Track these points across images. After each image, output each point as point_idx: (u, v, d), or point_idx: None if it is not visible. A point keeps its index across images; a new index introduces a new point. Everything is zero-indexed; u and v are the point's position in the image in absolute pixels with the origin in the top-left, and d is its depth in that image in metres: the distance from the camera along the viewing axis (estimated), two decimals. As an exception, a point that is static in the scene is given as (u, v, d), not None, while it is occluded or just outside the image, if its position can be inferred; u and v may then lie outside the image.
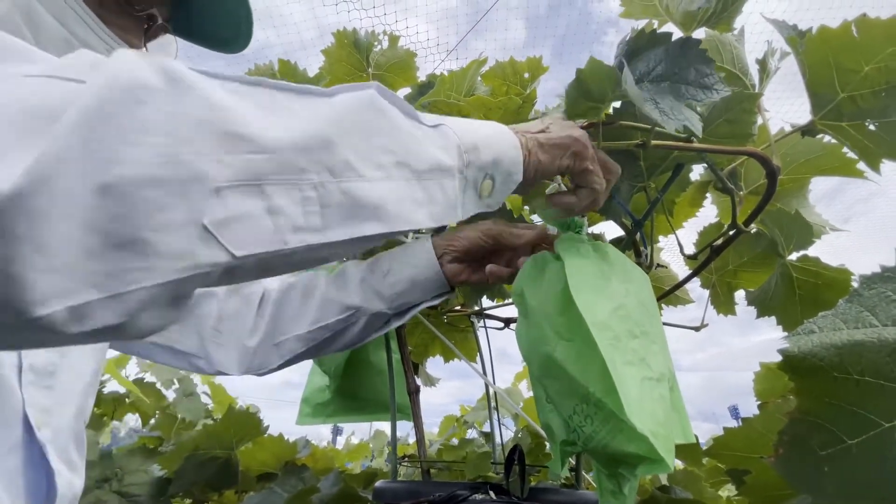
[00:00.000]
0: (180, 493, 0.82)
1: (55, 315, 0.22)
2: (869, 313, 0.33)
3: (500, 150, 0.41)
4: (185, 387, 1.22)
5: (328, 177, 0.30)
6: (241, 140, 0.26)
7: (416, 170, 0.35)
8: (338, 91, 0.33)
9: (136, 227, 0.23)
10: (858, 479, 0.31)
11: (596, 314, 0.40)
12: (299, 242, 0.28)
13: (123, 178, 0.23)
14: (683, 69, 0.49)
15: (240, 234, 0.26)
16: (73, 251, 0.22)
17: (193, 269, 0.25)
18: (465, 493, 0.39)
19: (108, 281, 0.23)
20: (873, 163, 0.57)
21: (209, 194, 0.25)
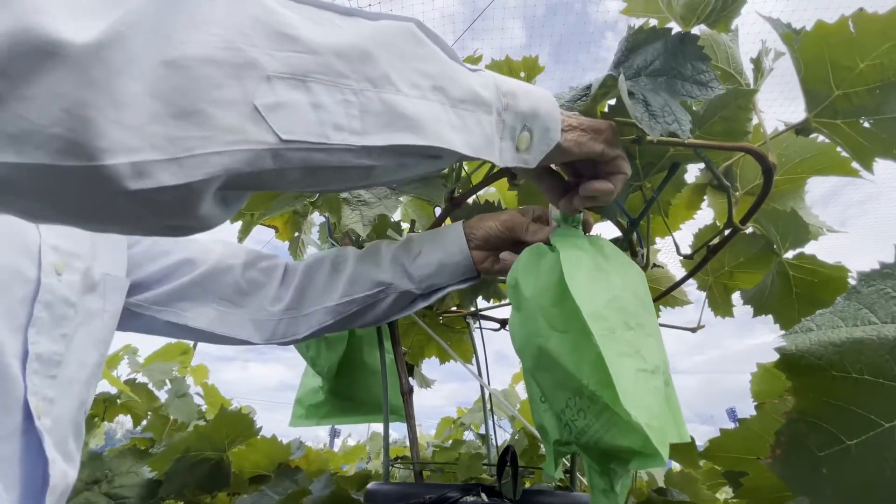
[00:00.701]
0: (171, 495, 0.81)
1: (119, 168, 0.24)
2: (868, 310, 0.32)
3: (538, 103, 0.41)
4: (178, 387, 1.21)
5: (368, 85, 0.32)
6: (290, 39, 0.29)
7: (452, 97, 0.36)
8: (381, 17, 0.35)
9: (196, 100, 0.26)
10: (857, 481, 0.30)
11: (591, 305, 0.40)
12: (340, 140, 0.31)
13: (187, 55, 0.25)
14: (680, 64, 0.48)
15: (286, 119, 0.29)
16: (140, 112, 0.24)
17: (244, 144, 0.27)
18: (456, 496, 0.38)
19: (169, 145, 0.25)
20: (866, 161, 0.57)
21: (260, 80, 0.28)
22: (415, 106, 0.34)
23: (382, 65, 0.33)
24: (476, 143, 0.38)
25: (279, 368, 76.72)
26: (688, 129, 0.43)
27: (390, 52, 0.33)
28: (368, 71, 0.32)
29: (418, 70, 0.34)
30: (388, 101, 0.33)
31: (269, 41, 0.28)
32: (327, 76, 0.30)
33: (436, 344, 1.09)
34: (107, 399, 1.23)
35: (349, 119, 0.31)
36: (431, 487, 0.45)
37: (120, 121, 0.23)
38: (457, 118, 0.36)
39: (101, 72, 0.23)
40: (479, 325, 1.02)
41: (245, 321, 0.62)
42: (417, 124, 0.34)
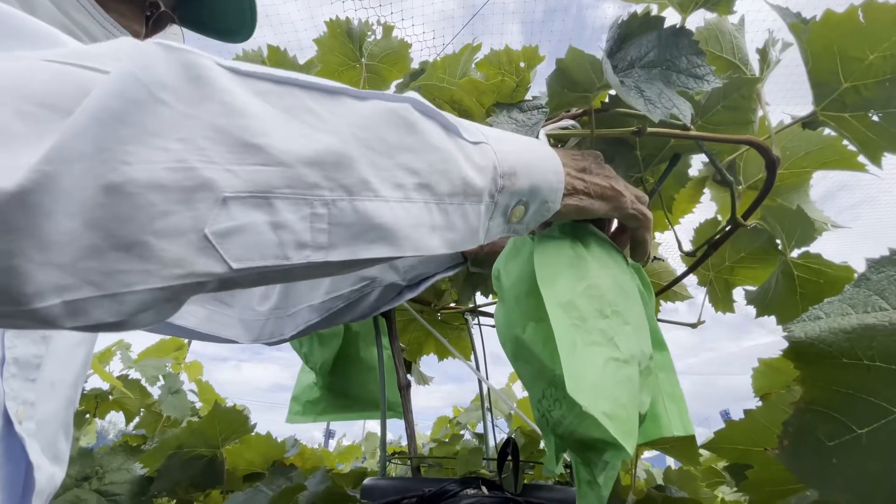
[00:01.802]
0: (163, 492, 0.79)
1: (52, 308, 0.22)
2: (879, 297, 0.31)
3: (539, 177, 0.38)
4: (171, 384, 1.19)
5: (342, 194, 0.28)
6: (255, 150, 0.26)
7: (439, 193, 0.33)
8: (371, 96, 0.31)
9: (139, 230, 0.23)
10: (869, 470, 0.29)
11: (561, 293, 0.39)
12: (302, 259, 0.27)
13: (131, 179, 0.22)
14: (675, 57, 0.47)
15: (241, 246, 0.25)
16: (73, 248, 0.22)
17: (189, 278, 0.25)
18: (455, 488, 0.37)
19: (106, 280, 0.23)
20: (875, 155, 0.56)
21: (214, 204, 0.24)
22: (393, 212, 0.30)
23: (362, 168, 0.29)
24: (456, 240, 0.34)
25: (274, 369, 76.54)
26: (689, 114, 0.42)
27: (374, 149, 0.30)
28: (344, 178, 0.28)
29: (404, 167, 0.31)
30: (363, 210, 0.29)
31: (230, 154, 0.25)
32: (295, 189, 0.27)
33: (434, 341, 1.08)
34: (98, 395, 1.21)
35: (314, 234, 0.27)
36: (429, 482, 0.44)
37: (49, 262, 0.21)
38: (440, 216, 0.33)
39: (25, 219, 0.20)
40: (477, 321, 1.01)
41: (233, 320, 0.61)
42: (393, 234, 0.30)
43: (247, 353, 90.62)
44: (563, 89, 0.42)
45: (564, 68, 0.41)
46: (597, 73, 0.42)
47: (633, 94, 0.41)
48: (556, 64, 0.41)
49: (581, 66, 0.41)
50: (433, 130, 0.33)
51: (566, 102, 0.46)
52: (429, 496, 0.38)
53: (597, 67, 0.41)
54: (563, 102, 0.45)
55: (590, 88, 0.44)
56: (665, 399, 0.44)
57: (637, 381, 0.38)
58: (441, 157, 0.33)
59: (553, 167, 0.40)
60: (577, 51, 0.40)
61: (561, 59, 0.40)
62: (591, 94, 0.45)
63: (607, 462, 0.36)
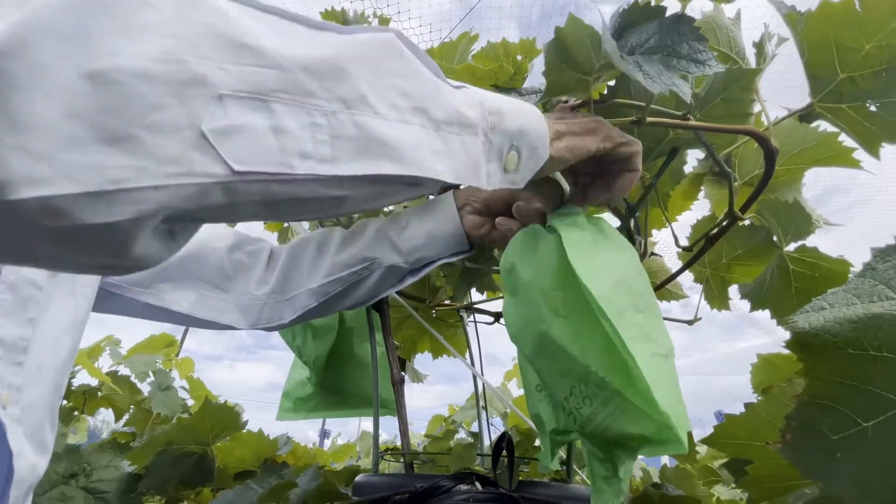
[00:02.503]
0: (152, 490, 0.78)
1: (25, 203, 0.20)
2: (885, 286, 0.30)
3: (525, 121, 0.38)
4: (161, 380, 1.17)
5: (340, 106, 0.28)
6: (249, 51, 0.25)
7: (435, 119, 0.32)
8: (357, 31, 0.31)
9: (128, 123, 0.21)
10: (875, 464, 0.28)
11: (598, 287, 0.38)
12: (306, 170, 0.26)
13: (117, 68, 0.21)
14: (676, 44, 0.47)
15: (240, 147, 0.24)
16: (51, 136, 0.20)
17: (188, 178, 0.23)
18: (448, 484, 0.36)
19: (90, 175, 0.21)
20: (873, 147, 0.55)
21: (210, 100, 0.23)
22: (393, 130, 0.30)
23: (358, 82, 0.29)
24: (460, 170, 0.34)
25: (267, 368, 76.21)
26: (688, 92, 0.41)
27: (367, 67, 0.29)
28: (341, 89, 0.28)
29: (398, 89, 0.31)
30: (364, 124, 0.28)
31: (224, 52, 0.24)
32: (292, 95, 0.26)
33: (428, 339, 1.07)
34: (87, 391, 1.19)
35: (317, 145, 0.27)
36: (423, 478, 0.43)
37: (22, 146, 0.19)
38: (440, 142, 0.33)
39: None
40: (473, 318, 1.00)
41: (230, 305, 0.59)
42: (396, 151, 0.30)
43: (241, 353, 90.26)
44: (561, 63, 0.42)
45: (563, 39, 0.40)
46: (596, 50, 0.41)
47: (632, 66, 0.40)
48: (555, 33, 0.40)
49: (580, 40, 0.40)
50: (419, 64, 0.33)
51: (564, 82, 0.45)
52: (421, 492, 0.37)
53: (596, 43, 0.40)
54: (561, 81, 0.44)
55: (589, 70, 0.43)
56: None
57: (676, 375, 0.37)
58: (431, 85, 0.33)
59: (535, 114, 0.40)
60: (578, 20, 0.39)
61: (560, 27, 0.39)
62: (589, 77, 0.44)
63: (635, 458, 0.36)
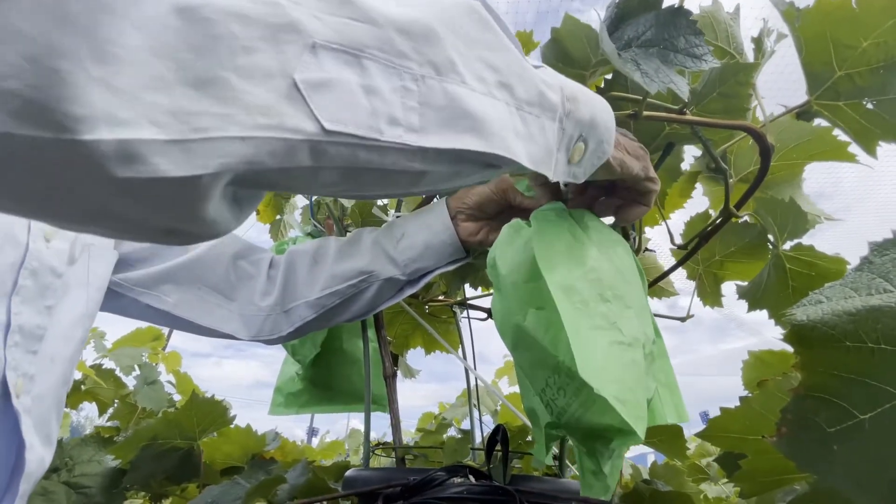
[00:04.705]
0: (136, 485, 0.76)
1: (101, 145, 0.17)
2: (883, 280, 0.30)
3: (598, 111, 0.37)
4: (147, 374, 1.15)
5: (431, 71, 0.26)
6: (345, 2, 0.23)
7: (518, 97, 0.31)
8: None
9: (218, 64, 0.19)
10: (871, 457, 0.28)
11: (561, 277, 0.38)
12: (394, 138, 0.25)
13: (209, 3, 0.19)
14: (673, 37, 0.46)
15: (332, 103, 0.23)
16: (137, 71, 0.18)
17: (277, 131, 0.21)
18: (442, 477, 0.36)
19: (174, 121, 0.19)
20: (870, 145, 0.55)
21: (304, 49, 0.22)
22: (481, 103, 0.28)
23: (448, 48, 0.27)
24: (537, 155, 0.32)
25: (255, 366, 75.63)
26: (686, 90, 0.41)
27: (456, 33, 0.28)
28: (432, 53, 0.26)
29: (484, 60, 0.29)
30: (453, 93, 0.27)
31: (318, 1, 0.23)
32: (386, 55, 0.24)
33: (421, 334, 1.06)
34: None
35: (406, 112, 0.25)
36: (415, 471, 0.42)
37: (106, 80, 0.17)
38: (521, 123, 0.31)
39: (83, 6, 0.16)
40: (466, 314, 1.00)
41: (233, 315, 0.59)
42: (483, 126, 0.28)
43: (229, 350, 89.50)
44: (557, 62, 0.41)
45: (560, 39, 0.40)
46: (592, 47, 0.41)
47: (630, 65, 0.39)
48: (552, 34, 0.39)
49: (577, 39, 0.39)
50: (504, 36, 0.31)
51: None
52: (414, 485, 0.36)
53: (593, 40, 0.40)
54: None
55: (585, 65, 0.43)
56: (659, 387, 0.43)
57: (642, 365, 0.36)
58: (516, 60, 0.31)
59: (605, 106, 0.38)
60: (574, 20, 0.38)
61: (556, 28, 0.39)
62: (586, 72, 0.44)
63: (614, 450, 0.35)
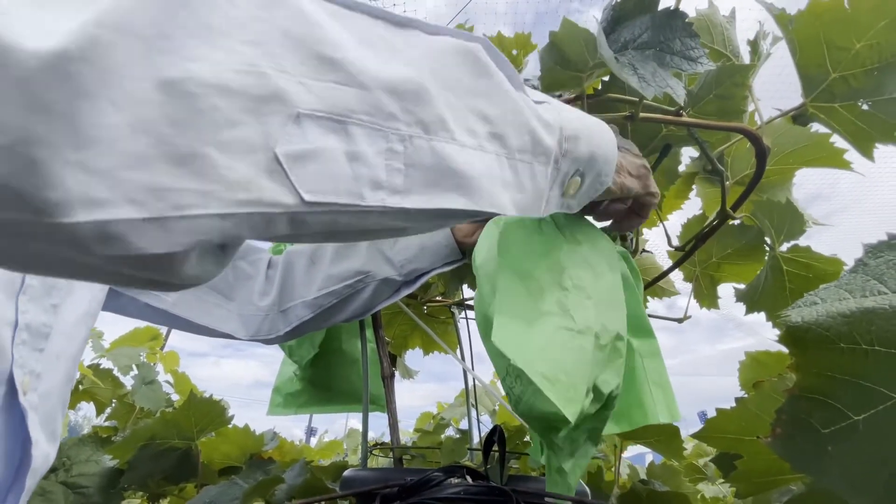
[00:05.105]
0: (134, 485, 0.76)
1: (79, 228, 0.17)
2: (877, 281, 0.30)
3: (597, 146, 0.36)
4: (145, 374, 1.15)
5: (419, 131, 0.25)
6: (333, 65, 0.23)
7: (510, 146, 0.30)
8: (443, 32, 0.29)
9: (199, 139, 0.19)
10: (865, 458, 0.28)
11: (516, 262, 0.39)
12: (377, 202, 0.24)
13: (193, 76, 0.19)
14: (669, 39, 0.47)
15: (314, 175, 0.22)
16: (115, 151, 0.17)
17: (256, 206, 0.21)
18: (439, 477, 0.36)
19: (153, 199, 0.18)
20: (866, 147, 0.56)
21: (287, 120, 0.21)
22: (469, 159, 0.27)
23: (438, 104, 0.26)
24: (524, 202, 0.32)
25: (254, 365, 75.54)
26: (682, 94, 0.41)
27: (448, 86, 0.27)
28: (422, 112, 0.25)
29: (477, 112, 0.28)
30: (441, 151, 0.26)
31: (306, 65, 0.22)
32: (372, 118, 0.24)
33: (419, 334, 1.06)
34: (68, 385, 1.16)
35: (390, 174, 0.24)
36: (412, 472, 0.42)
37: (83, 163, 0.17)
38: (510, 173, 0.30)
39: (60, 94, 0.16)
40: (464, 314, 1.00)
41: (232, 314, 0.59)
42: (469, 184, 0.27)
43: (227, 350, 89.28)
44: (555, 65, 0.41)
45: (557, 42, 0.40)
46: (590, 50, 0.41)
47: (627, 70, 0.40)
48: (550, 38, 0.39)
49: (575, 42, 0.40)
50: (502, 78, 0.30)
51: (558, 81, 0.45)
52: (411, 485, 0.36)
53: (590, 44, 0.40)
54: (555, 80, 0.44)
55: (582, 68, 0.43)
56: (652, 386, 0.43)
57: (591, 353, 0.37)
58: (512, 107, 0.30)
59: (609, 138, 0.37)
60: (571, 23, 0.38)
61: (554, 32, 0.39)
62: (583, 74, 0.44)
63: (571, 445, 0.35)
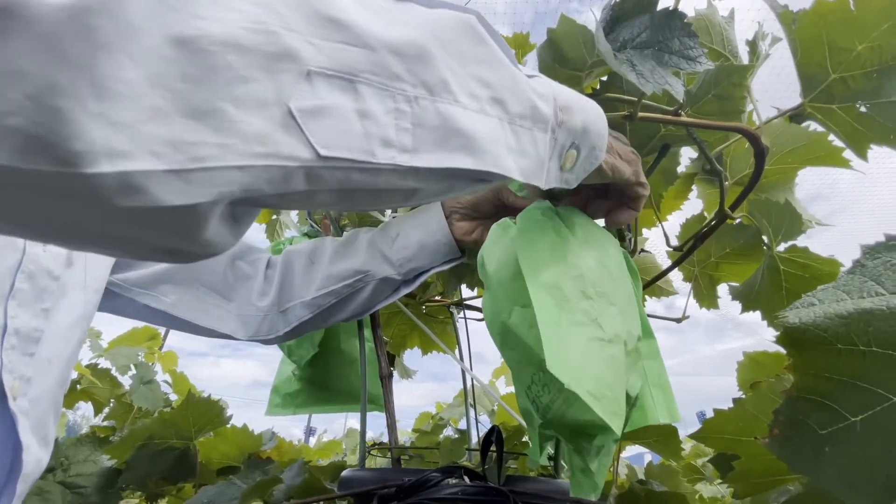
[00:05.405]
0: (132, 485, 0.76)
1: (103, 179, 0.18)
2: (874, 283, 0.30)
3: (590, 118, 0.37)
4: (143, 373, 1.15)
5: (424, 92, 0.26)
6: (339, 26, 0.24)
7: (511, 112, 0.31)
8: (439, 4, 0.30)
9: (214, 95, 0.20)
10: (863, 459, 0.28)
11: (542, 274, 0.39)
12: (387, 160, 0.25)
13: (205, 34, 0.19)
14: (668, 39, 0.47)
15: (327, 129, 0.23)
16: (135, 104, 0.18)
17: (273, 159, 0.22)
18: (437, 477, 0.36)
19: (173, 151, 0.19)
20: (861, 148, 0.56)
21: (299, 77, 0.22)
22: (473, 121, 0.29)
23: (441, 67, 0.27)
24: (528, 168, 0.33)
25: (253, 365, 75.46)
26: (681, 92, 0.41)
27: (449, 51, 0.28)
28: (425, 74, 0.26)
29: (477, 77, 0.29)
30: (445, 113, 0.27)
31: (313, 26, 0.23)
32: (379, 77, 0.25)
33: (418, 334, 1.06)
34: (66, 384, 1.16)
35: (399, 133, 0.26)
36: (410, 472, 0.42)
37: (105, 114, 0.17)
38: (513, 138, 0.31)
39: (81, 46, 0.17)
40: (463, 314, 1.00)
41: (231, 315, 0.59)
42: (474, 144, 0.28)
43: (226, 349, 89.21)
44: (553, 62, 0.41)
45: (556, 39, 0.40)
46: (588, 48, 0.41)
47: (625, 66, 0.40)
48: (548, 35, 0.39)
49: (573, 40, 0.39)
50: (497, 50, 0.31)
51: (557, 80, 0.45)
52: (408, 486, 0.36)
53: (589, 41, 0.40)
54: (553, 78, 0.44)
55: (581, 66, 0.43)
56: (651, 387, 0.43)
57: (623, 362, 0.37)
58: (509, 74, 0.31)
59: (599, 112, 0.38)
60: (570, 20, 0.38)
61: (552, 28, 0.39)
62: (582, 73, 0.44)
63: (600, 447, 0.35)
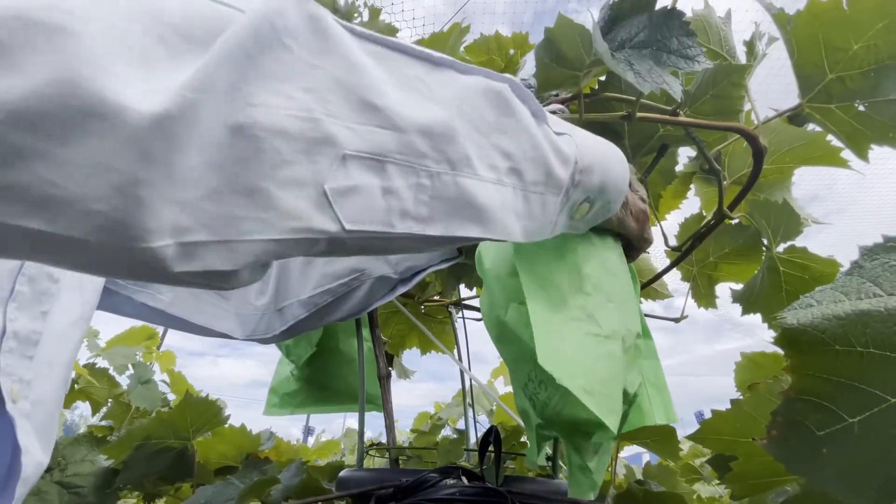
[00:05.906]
0: (129, 485, 0.76)
1: (164, 250, 0.21)
2: (872, 284, 0.30)
3: (611, 177, 0.38)
4: (141, 373, 1.14)
5: (446, 168, 0.28)
6: (374, 110, 0.26)
7: (525, 180, 0.33)
8: (474, 72, 0.32)
9: (260, 176, 0.22)
10: (861, 460, 0.28)
11: (536, 270, 0.39)
12: (404, 229, 0.27)
13: (257, 122, 0.22)
14: (666, 38, 0.47)
15: (355, 206, 0.25)
16: (197, 187, 0.21)
17: (304, 233, 0.24)
18: (434, 478, 0.36)
19: (223, 225, 0.22)
20: (861, 148, 0.56)
21: (335, 160, 0.24)
22: (487, 193, 0.30)
23: (465, 143, 0.29)
24: (533, 229, 0.34)
25: (251, 365, 75.33)
26: (679, 91, 0.41)
27: (475, 125, 0.30)
28: (450, 151, 0.28)
29: (499, 148, 0.31)
30: (463, 186, 0.29)
31: (352, 111, 0.25)
32: (406, 157, 0.27)
33: (416, 334, 1.06)
34: (64, 384, 1.15)
35: (417, 205, 0.28)
36: (408, 472, 0.42)
37: (175, 198, 0.20)
38: (523, 203, 0.33)
39: (162, 147, 0.19)
40: (461, 314, 1.00)
41: (228, 314, 0.59)
42: (485, 215, 0.30)
43: (225, 349, 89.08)
44: (550, 62, 0.41)
45: (553, 38, 0.40)
46: (586, 47, 0.41)
47: (623, 65, 0.40)
48: (545, 33, 0.39)
49: (571, 39, 0.39)
50: (526, 114, 0.33)
51: (554, 79, 0.45)
52: (406, 486, 0.36)
53: (586, 40, 0.40)
54: (551, 78, 0.44)
55: (579, 66, 0.43)
56: (648, 388, 0.43)
57: (620, 358, 0.37)
58: (532, 143, 0.33)
59: (622, 169, 0.39)
60: (567, 19, 0.38)
61: (550, 28, 0.39)
62: (579, 73, 0.44)
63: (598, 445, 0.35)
